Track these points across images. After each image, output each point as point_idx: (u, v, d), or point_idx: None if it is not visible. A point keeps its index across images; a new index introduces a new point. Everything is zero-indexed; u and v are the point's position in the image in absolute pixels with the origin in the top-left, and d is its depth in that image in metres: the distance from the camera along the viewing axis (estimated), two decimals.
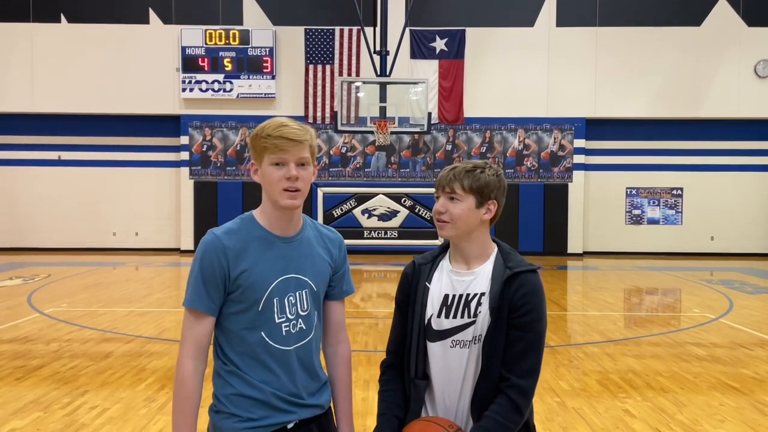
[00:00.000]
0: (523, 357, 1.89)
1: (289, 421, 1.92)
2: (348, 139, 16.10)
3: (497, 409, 1.87)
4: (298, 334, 1.95)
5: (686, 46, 15.90)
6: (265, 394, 1.89)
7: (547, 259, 15.41)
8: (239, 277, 1.87)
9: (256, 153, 1.93)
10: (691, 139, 16.35)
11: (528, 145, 16.16)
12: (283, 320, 1.92)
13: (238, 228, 1.93)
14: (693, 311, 9.12)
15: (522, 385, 1.88)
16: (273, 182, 1.90)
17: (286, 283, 1.93)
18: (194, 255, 1.94)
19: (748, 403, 5.07)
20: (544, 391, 5.29)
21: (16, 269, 12.78)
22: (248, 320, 1.89)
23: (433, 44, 15.68)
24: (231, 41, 15.69)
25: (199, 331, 1.87)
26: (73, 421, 4.54)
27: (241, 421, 1.87)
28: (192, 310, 1.88)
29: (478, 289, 1.96)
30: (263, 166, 1.92)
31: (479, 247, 2.01)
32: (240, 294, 1.88)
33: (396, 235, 15.94)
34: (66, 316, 8.22)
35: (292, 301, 1.94)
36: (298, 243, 1.98)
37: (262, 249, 1.91)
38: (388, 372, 2.08)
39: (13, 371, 5.78)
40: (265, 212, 1.97)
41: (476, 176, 1.97)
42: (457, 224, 1.96)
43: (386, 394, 2.04)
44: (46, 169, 16.23)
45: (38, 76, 15.77)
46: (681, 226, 16.54)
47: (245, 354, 1.90)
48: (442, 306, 1.97)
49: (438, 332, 1.96)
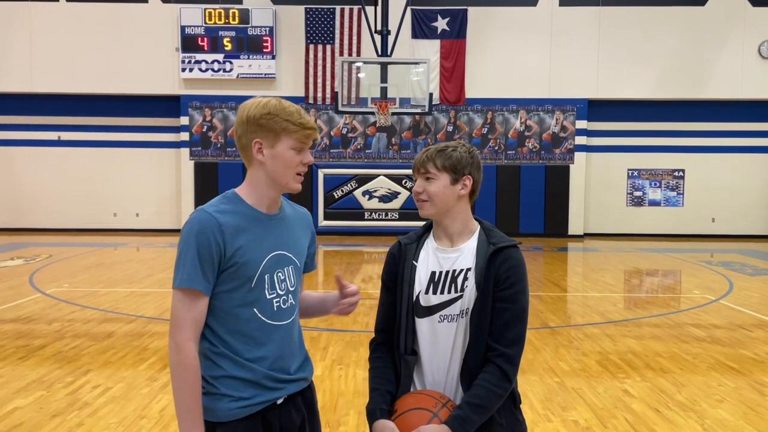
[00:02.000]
0: (509, 327, 1.98)
1: (279, 397, 1.96)
2: (349, 119, 16.03)
3: (487, 377, 1.96)
4: (288, 309, 1.99)
5: (690, 26, 15.77)
6: (255, 374, 1.91)
7: (548, 240, 15.43)
8: (235, 254, 1.86)
9: (268, 132, 1.90)
10: (693, 121, 16.27)
11: (529, 126, 16.09)
12: (274, 296, 1.95)
13: (228, 206, 1.90)
14: (693, 293, 9.14)
15: (509, 354, 1.97)
16: (290, 166, 1.92)
17: (275, 259, 1.95)
18: (183, 233, 1.87)
19: (747, 384, 5.10)
20: (543, 372, 5.32)
21: (18, 249, 12.81)
22: (241, 297, 1.89)
23: (435, 24, 15.55)
24: (231, 20, 15.56)
25: (198, 312, 1.85)
26: (76, 400, 4.58)
27: (234, 401, 1.88)
28: (189, 290, 1.83)
29: (464, 264, 2.04)
30: (279, 148, 1.91)
31: (462, 224, 2.10)
32: (234, 271, 1.87)
33: (397, 216, 15.94)
34: (68, 296, 8.26)
35: (281, 278, 1.97)
36: (281, 220, 2.00)
37: (253, 226, 1.92)
38: (378, 350, 2.14)
39: (16, 350, 5.81)
40: (256, 191, 1.95)
41: (448, 154, 2.05)
42: (436, 202, 2.05)
43: (377, 370, 2.10)
44: (46, 149, 16.19)
45: (37, 56, 15.66)
46: (682, 208, 16.53)
47: (238, 332, 1.90)
48: (430, 282, 2.04)
49: (426, 308, 2.04)
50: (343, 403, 4.59)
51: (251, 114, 1.90)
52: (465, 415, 1.91)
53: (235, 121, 1.97)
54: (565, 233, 16.09)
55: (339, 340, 6.28)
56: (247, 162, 1.96)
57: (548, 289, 9.31)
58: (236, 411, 1.88)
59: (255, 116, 1.90)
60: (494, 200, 15.89)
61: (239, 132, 1.93)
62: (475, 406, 1.92)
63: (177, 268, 1.86)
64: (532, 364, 5.51)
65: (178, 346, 1.83)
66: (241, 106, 1.96)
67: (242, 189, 1.97)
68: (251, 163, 1.95)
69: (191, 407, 1.83)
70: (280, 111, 1.90)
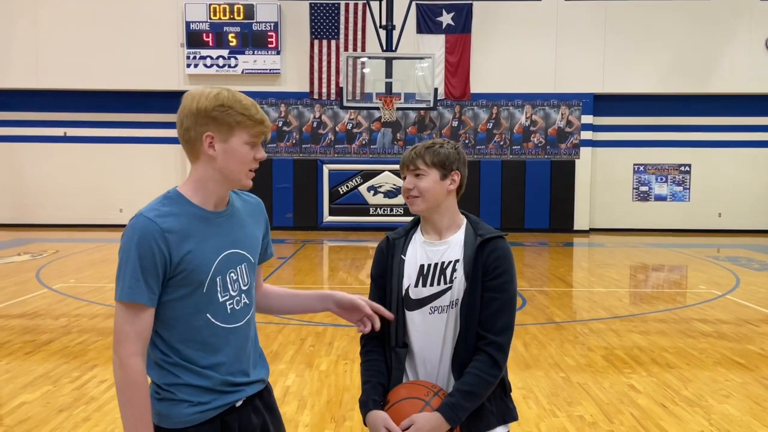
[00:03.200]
0: (498, 316, 2.02)
1: (238, 400, 1.89)
2: (353, 115, 16.01)
3: (477, 365, 1.99)
4: (242, 309, 1.89)
5: (696, 19, 15.67)
6: (212, 381, 1.83)
7: (554, 235, 15.40)
8: (182, 260, 1.74)
9: (222, 126, 1.77)
10: (699, 115, 16.19)
11: (535, 121, 16.04)
12: (227, 298, 1.84)
13: (170, 208, 1.77)
14: (699, 288, 9.11)
15: (499, 342, 2.01)
16: (244, 161, 1.81)
17: (226, 259, 1.83)
18: (123, 241, 1.74)
19: (754, 379, 5.08)
20: (549, 367, 5.31)
21: (24, 245, 12.87)
22: (192, 304, 1.78)
23: (440, 18, 15.50)
24: (235, 16, 15.55)
25: (142, 326, 1.73)
26: (83, 395, 4.59)
27: (191, 405, 1.80)
28: (131, 304, 1.71)
29: (452, 256, 2.08)
30: (232, 142, 1.78)
31: (449, 218, 2.13)
32: (184, 278, 1.75)
33: (402, 212, 15.93)
34: (74, 291, 8.29)
35: (234, 278, 1.86)
36: (230, 216, 1.88)
37: (201, 227, 1.80)
38: (369, 344, 2.15)
39: (23, 345, 5.84)
40: (203, 188, 1.82)
41: (436, 151, 2.09)
42: (426, 197, 2.08)
43: (369, 363, 2.12)
44: (52, 145, 16.24)
45: (43, 53, 15.69)
46: (688, 203, 16.46)
47: (191, 340, 1.80)
48: (419, 276, 2.08)
49: (417, 301, 2.07)
50: (348, 398, 4.59)
51: (202, 105, 1.76)
52: (456, 402, 1.94)
53: (180, 112, 1.79)
54: (571, 228, 16.05)
55: (344, 335, 6.29)
56: (193, 157, 1.81)
57: (554, 285, 9.29)
58: (194, 416, 1.81)
59: (207, 108, 1.76)
60: (499, 195, 15.86)
61: (186, 124, 1.78)
62: (466, 393, 1.96)
63: (117, 280, 1.73)
64: (538, 360, 5.50)
65: (121, 362, 1.71)
66: (187, 96, 1.81)
67: (186, 187, 1.83)
68: (198, 157, 1.80)
69: (139, 425, 1.73)
70: (234, 103, 1.78)
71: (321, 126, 16.07)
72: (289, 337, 6.20)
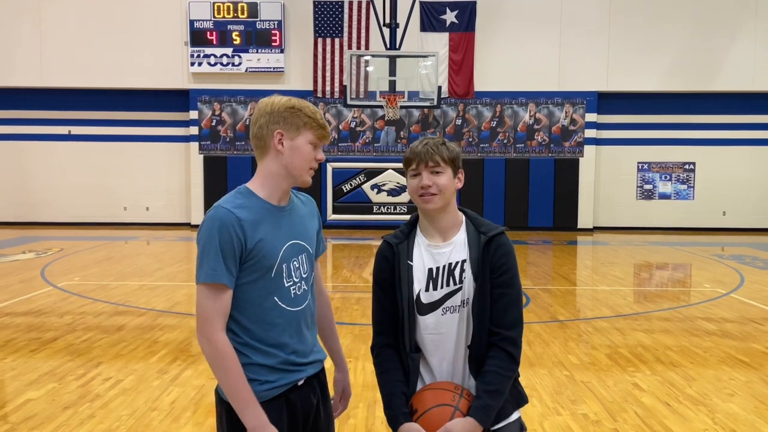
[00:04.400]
0: (508, 311, 2.05)
1: (300, 379, 2.06)
2: (357, 113, 16.02)
3: (496, 362, 2.02)
4: (302, 295, 2.07)
5: (701, 17, 15.62)
6: (278, 360, 2.00)
7: (557, 234, 15.38)
8: (255, 247, 1.93)
9: (290, 125, 1.99)
10: (704, 113, 16.14)
11: (539, 120, 16.02)
12: (291, 284, 2.03)
13: (244, 201, 1.97)
14: (704, 286, 9.09)
15: (512, 336, 2.04)
16: (307, 159, 2.02)
17: (290, 248, 2.03)
18: (203, 230, 1.93)
19: (758, 378, 5.07)
20: (553, 365, 5.31)
21: (29, 243, 12.91)
22: (262, 287, 1.97)
23: (444, 16, 15.48)
24: (239, 14, 15.56)
25: (224, 305, 1.91)
26: (88, 392, 4.61)
27: (260, 384, 1.96)
28: (215, 285, 1.90)
29: (459, 257, 2.08)
30: (298, 141, 2.00)
31: (453, 217, 2.13)
32: (255, 263, 1.95)
33: (405, 210, 15.93)
34: (79, 289, 8.31)
35: (296, 266, 2.05)
36: (291, 211, 2.08)
37: (269, 219, 2.00)
38: (383, 352, 2.14)
39: (28, 343, 5.86)
40: (268, 183, 2.03)
41: (449, 148, 2.09)
42: (445, 194, 2.06)
43: (389, 374, 2.11)
44: (57, 144, 16.28)
45: (47, 51, 15.73)
46: (693, 201, 16.42)
47: (260, 320, 1.98)
48: (428, 279, 2.08)
49: (429, 305, 2.07)
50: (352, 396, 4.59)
51: (276, 106, 2.00)
52: (485, 403, 1.98)
53: (256, 113, 2.03)
54: (575, 227, 16.03)
55: (348, 333, 6.29)
56: (263, 152, 2.02)
57: (557, 283, 9.28)
58: (263, 394, 1.96)
59: (280, 109, 1.99)
60: (503, 194, 15.84)
61: (261, 122, 2.00)
62: (491, 393, 2.00)
63: (201, 264, 1.91)
64: (542, 358, 5.50)
65: (209, 339, 1.90)
66: (264, 100, 2.04)
67: (254, 183, 2.04)
68: (267, 153, 2.01)
69: (241, 390, 1.90)
70: (303, 107, 2.01)
71: None
72: None
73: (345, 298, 8.12)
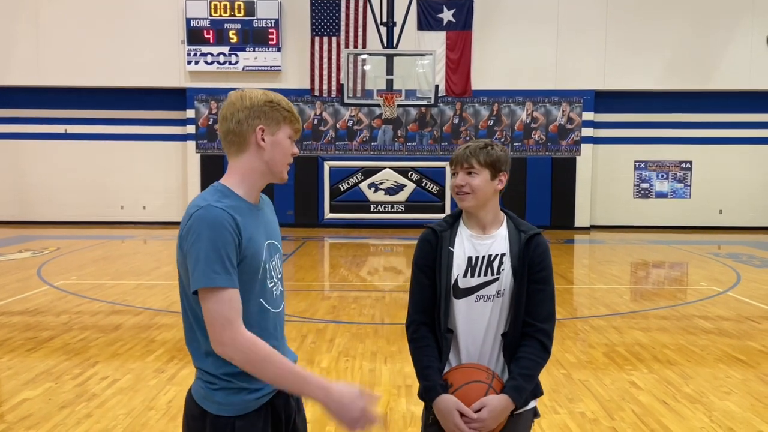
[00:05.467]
0: (543, 305, 2.23)
1: None
2: (354, 112, 16.00)
3: (530, 350, 2.19)
4: (280, 296, 2.04)
5: (697, 16, 15.64)
6: None
7: (555, 232, 15.39)
8: (247, 246, 1.86)
9: (271, 120, 1.93)
10: (700, 112, 16.17)
11: (536, 118, 16.03)
12: (272, 285, 1.98)
13: (228, 200, 1.88)
14: (700, 284, 9.11)
15: (546, 328, 2.22)
16: (286, 154, 1.97)
17: (268, 248, 1.97)
18: (197, 231, 1.80)
19: (755, 376, 5.08)
20: (550, 364, 5.29)
21: (26, 242, 12.88)
22: (250, 289, 1.89)
23: (441, 15, 15.47)
24: (236, 13, 15.53)
25: (237, 305, 1.80)
26: (84, 391, 4.60)
27: (250, 392, 1.89)
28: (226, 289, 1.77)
29: (499, 250, 2.25)
30: (278, 135, 1.94)
31: (493, 215, 2.30)
32: (246, 264, 1.86)
33: (402, 209, 15.93)
34: (75, 288, 8.30)
35: (274, 266, 2.00)
36: (262, 210, 2.03)
37: (250, 218, 1.92)
38: (420, 329, 2.27)
39: (25, 342, 5.85)
40: (247, 181, 1.94)
41: (489, 152, 2.25)
42: (477, 195, 2.23)
43: (425, 349, 2.24)
44: (53, 142, 16.24)
45: (44, 50, 15.69)
46: (689, 200, 16.45)
47: (249, 324, 1.86)
48: (468, 267, 2.23)
49: (464, 290, 2.23)
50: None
51: (255, 101, 1.91)
52: (519, 384, 2.15)
53: (229, 108, 1.92)
54: (572, 225, 16.05)
55: (345, 332, 6.29)
56: (240, 148, 1.92)
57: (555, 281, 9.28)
58: (253, 402, 1.91)
59: (259, 103, 1.92)
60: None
61: (239, 117, 1.90)
62: (526, 377, 2.17)
63: (203, 268, 1.77)
64: None
65: (235, 343, 1.76)
66: (237, 94, 1.93)
67: (230, 180, 1.94)
68: (245, 149, 1.92)
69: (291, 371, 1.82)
70: (280, 100, 1.96)
71: (322, 123, 16.06)
72: (290, 333, 6.20)
73: (342, 297, 8.12)
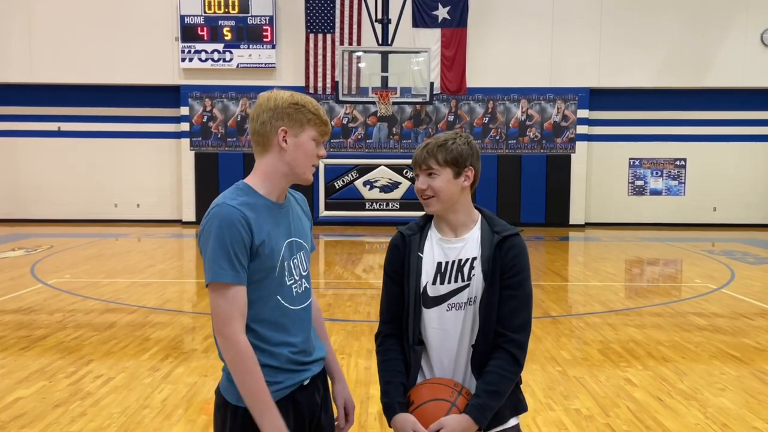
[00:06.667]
0: (516, 313, 2.02)
1: (306, 379, 2.03)
2: (349, 109, 15.98)
3: (499, 363, 2.00)
4: (303, 293, 2.05)
5: (692, 14, 15.67)
6: (282, 360, 1.96)
7: (549, 230, 15.42)
8: (261, 245, 1.90)
9: (294, 122, 1.95)
10: (695, 109, 16.21)
11: (531, 116, 16.04)
12: (292, 282, 2.00)
13: (246, 198, 1.93)
14: (695, 281, 9.13)
15: (518, 339, 2.02)
16: (309, 156, 1.99)
17: (290, 246, 2.00)
18: (209, 228, 1.86)
19: (749, 372, 5.10)
20: (545, 361, 5.32)
21: (19, 240, 12.81)
22: (266, 286, 1.94)
23: (436, 12, 15.46)
24: (230, 9, 15.47)
25: (242, 305, 1.87)
26: (78, 390, 4.58)
27: (268, 385, 1.91)
28: (230, 284, 1.85)
29: (469, 254, 2.06)
30: (302, 137, 1.96)
31: (465, 215, 2.11)
32: (260, 262, 1.91)
33: (397, 206, 15.92)
34: (69, 286, 8.26)
35: (296, 263, 2.02)
36: (288, 208, 2.06)
37: (270, 216, 1.96)
38: (386, 342, 2.14)
39: (18, 341, 5.82)
40: (270, 180, 1.98)
41: (448, 149, 2.05)
42: (441, 197, 2.06)
43: (389, 363, 2.10)
44: (47, 140, 16.16)
45: (37, 47, 15.60)
46: (684, 197, 16.50)
47: (264, 320, 1.94)
48: (437, 273, 2.06)
49: (434, 298, 2.06)
50: None
51: (279, 102, 1.95)
52: (483, 402, 1.96)
53: (256, 108, 1.98)
54: (567, 223, 16.07)
55: (341, 329, 6.28)
56: (264, 149, 1.97)
57: (549, 279, 9.30)
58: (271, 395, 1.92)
59: (283, 105, 1.95)
60: (495, 190, 15.85)
61: (264, 118, 1.95)
62: (491, 393, 1.97)
63: (212, 264, 1.85)
64: (534, 354, 5.50)
65: (230, 340, 1.85)
66: (265, 95, 1.99)
67: (253, 180, 2.00)
68: (269, 150, 1.97)
69: (261, 393, 1.86)
70: (307, 103, 1.98)
71: None
72: None
73: (337, 295, 8.11)
